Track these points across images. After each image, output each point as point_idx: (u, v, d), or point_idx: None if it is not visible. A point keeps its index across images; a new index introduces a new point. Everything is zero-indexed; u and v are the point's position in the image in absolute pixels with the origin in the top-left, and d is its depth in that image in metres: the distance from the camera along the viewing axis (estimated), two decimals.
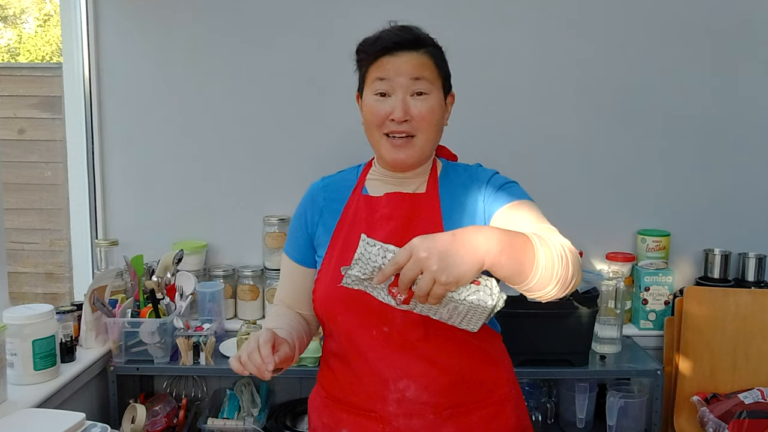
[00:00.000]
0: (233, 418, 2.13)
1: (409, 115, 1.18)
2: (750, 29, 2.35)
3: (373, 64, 1.21)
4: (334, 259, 1.24)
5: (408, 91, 1.19)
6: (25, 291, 3.03)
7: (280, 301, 1.39)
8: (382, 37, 1.20)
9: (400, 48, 1.18)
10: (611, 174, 2.41)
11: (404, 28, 1.21)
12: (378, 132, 1.22)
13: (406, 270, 0.94)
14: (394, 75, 1.18)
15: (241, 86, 2.38)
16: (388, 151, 1.22)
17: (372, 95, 1.21)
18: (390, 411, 1.20)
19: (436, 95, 1.21)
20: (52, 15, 8.49)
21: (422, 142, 1.21)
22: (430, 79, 1.20)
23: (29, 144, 2.93)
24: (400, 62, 1.18)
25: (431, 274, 0.92)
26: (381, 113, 1.20)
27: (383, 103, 1.20)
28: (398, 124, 1.19)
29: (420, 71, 1.19)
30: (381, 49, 1.19)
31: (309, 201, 1.34)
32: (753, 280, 2.34)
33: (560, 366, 2.06)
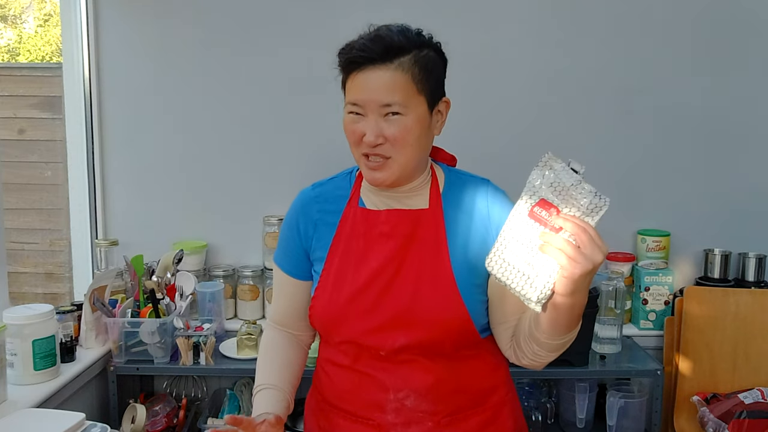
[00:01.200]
0: None
1: (383, 137, 1.12)
2: (750, 29, 2.35)
3: (347, 77, 1.15)
4: (332, 275, 1.21)
5: (380, 113, 1.12)
6: (25, 291, 3.03)
7: (275, 321, 1.34)
8: (354, 48, 1.13)
9: (368, 62, 1.11)
10: (611, 174, 2.41)
11: (376, 38, 1.12)
12: (356, 150, 1.17)
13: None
14: (364, 99, 1.12)
15: (241, 86, 2.38)
16: (366, 172, 1.17)
17: (347, 113, 1.16)
18: (388, 420, 1.19)
19: (414, 112, 1.12)
20: (52, 15, 8.49)
21: (400, 161, 1.14)
22: (403, 99, 1.11)
23: (29, 144, 2.92)
24: (368, 82, 1.11)
25: (573, 262, 0.95)
26: (356, 133, 1.14)
27: (357, 123, 1.14)
28: (371, 147, 1.13)
29: (390, 95, 1.10)
30: (349, 63, 1.13)
31: (301, 212, 1.27)
32: (753, 280, 2.34)
33: (560, 366, 2.05)
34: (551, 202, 0.99)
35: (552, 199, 1.00)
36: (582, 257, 0.95)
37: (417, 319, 1.15)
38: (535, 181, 1.01)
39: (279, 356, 1.29)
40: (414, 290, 1.16)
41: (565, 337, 1.09)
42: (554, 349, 1.12)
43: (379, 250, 1.19)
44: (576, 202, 0.99)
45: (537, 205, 1.00)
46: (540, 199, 1.00)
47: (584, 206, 0.99)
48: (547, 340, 1.09)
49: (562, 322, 1.04)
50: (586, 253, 0.95)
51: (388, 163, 1.15)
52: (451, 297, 1.15)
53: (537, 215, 0.99)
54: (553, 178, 1.00)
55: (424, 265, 1.17)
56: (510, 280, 1.01)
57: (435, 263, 1.17)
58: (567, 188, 0.99)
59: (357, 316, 1.18)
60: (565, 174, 1.00)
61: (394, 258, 1.18)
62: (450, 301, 1.15)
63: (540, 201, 1.00)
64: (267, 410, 1.18)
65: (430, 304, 1.15)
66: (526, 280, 1.00)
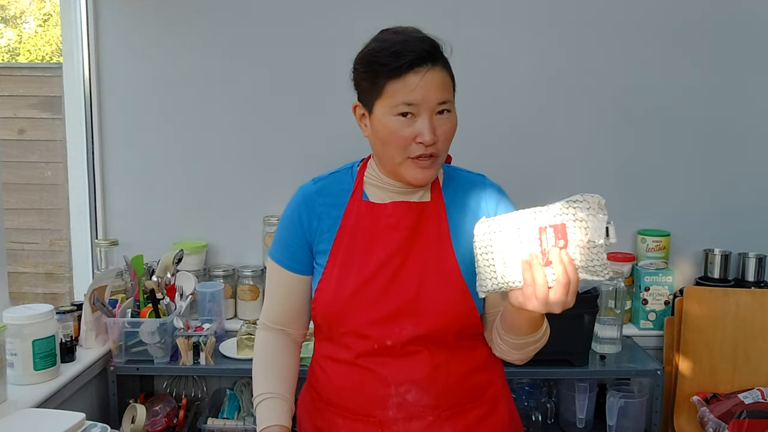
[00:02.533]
0: (233, 418, 2.13)
1: (436, 136, 1.14)
2: (750, 29, 2.35)
3: (392, 79, 1.12)
4: (337, 268, 1.21)
5: (434, 111, 1.14)
6: (25, 291, 3.02)
7: (269, 321, 1.32)
8: (402, 51, 1.11)
9: (424, 62, 1.12)
10: (611, 174, 2.41)
11: (423, 39, 1.14)
12: (400, 154, 1.15)
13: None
14: (422, 98, 1.11)
15: (241, 86, 2.38)
16: (413, 173, 1.16)
17: (392, 116, 1.13)
18: (389, 415, 1.19)
19: (454, 110, 1.18)
20: (52, 15, 8.48)
21: (442, 158, 1.19)
22: (451, 97, 1.16)
23: (29, 144, 2.92)
24: (426, 80, 1.11)
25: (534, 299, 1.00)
26: (406, 135, 1.13)
27: (408, 125, 1.13)
28: (426, 147, 1.13)
29: (445, 93, 1.14)
30: (407, 65, 1.11)
31: (303, 206, 1.27)
32: (753, 280, 2.34)
33: (560, 366, 2.05)
34: (567, 234, 0.98)
35: (571, 233, 0.98)
36: (544, 300, 0.99)
37: (423, 308, 1.17)
38: (574, 207, 0.99)
39: (276, 362, 1.29)
40: (420, 280, 1.18)
41: (520, 338, 1.14)
42: (514, 347, 1.18)
43: (385, 241, 1.20)
44: (585, 255, 0.98)
45: (553, 227, 0.99)
46: (562, 223, 0.99)
47: (588, 264, 0.99)
48: (505, 336, 1.17)
49: (513, 324, 1.12)
50: (551, 299, 0.99)
51: (436, 161, 1.17)
52: (456, 287, 1.18)
53: (546, 236, 0.99)
54: (589, 220, 0.98)
55: (430, 256, 1.20)
56: (481, 256, 1.05)
57: (439, 254, 1.20)
58: (589, 240, 0.98)
59: (363, 307, 1.18)
60: (599, 228, 0.98)
61: (400, 249, 1.19)
62: (456, 290, 1.18)
63: (560, 225, 0.99)
64: (273, 422, 1.19)
65: (437, 293, 1.18)
66: (491, 270, 1.04)
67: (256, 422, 1.22)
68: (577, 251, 0.98)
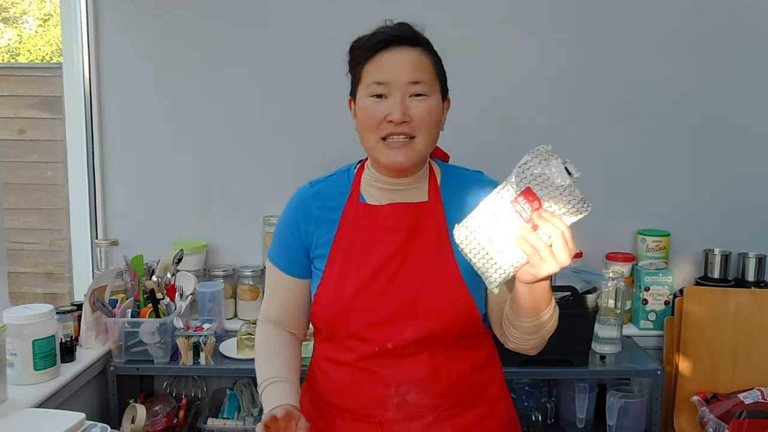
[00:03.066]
0: (233, 418, 2.13)
1: (408, 116, 1.13)
2: (750, 29, 2.35)
3: (368, 61, 1.16)
4: (335, 272, 1.21)
5: (406, 93, 1.14)
6: (25, 291, 3.03)
7: (268, 319, 1.32)
8: (379, 32, 1.16)
9: (397, 42, 1.14)
10: (611, 174, 2.41)
11: (402, 24, 1.17)
12: (374, 136, 1.16)
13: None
14: (392, 76, 1.13)
15: (241, 86, 2.38)
16: (385, 155, 1.16)
17: (367, 97, 1.16)
18: (389, 416, 1.19)
19: (435, 96, 1.17)
20: (52, 15, 8.48)
21: (421, 143, 1.16)
22: (429, 81, 1.15)
23: (29, 144, 2.92)
24: (397, 59, 1.14)
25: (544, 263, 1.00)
26: (377, 115, 1.14)
27: (380, 104, 1.14)
28: (396, 125, 1.13)
29: (418, 74, 1.14)
30: (377, 43, 1.14)
31: (301, 209, 1.26)
32: (753, 280, 2.34)
33: (560, 366, 2.05)
34: (536, 193, 1.01)
35: (538, 191, 1.01)
36: (552, 258, 0.99)
37: (424, 309, 1.17)
38: (527, 168, 1.02)
39: (280, 350, 1.28)
40: (420, 281, 1.18)
41: (535, 319, 1.12)
42: (529, 332, 1.15)
43: (383, 243, 1.20)
44: (560, 202, 1.01)
45: (521, 195, 1.01)
46: (526, 187, 1.01)
47: (567, 208, 1.01)
48: (518, 321, 1.14)
49: (526, 305, 1.10)
50: (557, 254, 0.99)
51: (411, 144, 1.16)
52: (456, 287, 1.18)
53: (520, 205, 1.01)
54: (546, 171, 1.01)
55: (429, 257, 1.20)
56: (476, 258, 1.05)
57: (438, 254, 1.20)
58: (557, 187, 1.01)
59: (363, 310, 1.18)
60: (558, 172, 1.01)
61: (399, 251, 1.19)
62: (455, 290, 1.18)
63: (526, 189, 1.01)
64: (281, 402, 1.16)
65: (437, 294, 1.18)
66: (492, 263, 1.04)
67: (263, 407, 1.18)
68: (552, 203, 1.01)
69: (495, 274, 1.04)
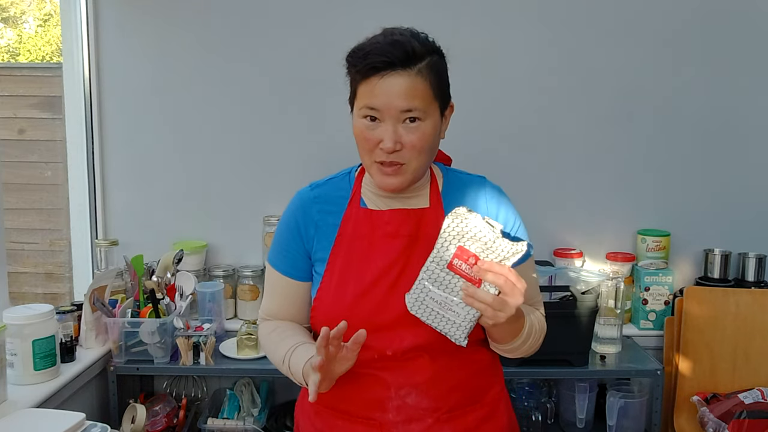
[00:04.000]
0: (233, 418, 2.13)
1: (400, 144, 1.11)
2: (750, 29, 2.35)
3: (361, 82, 1.12)
4: (335, 276, 1.20)
5: (399, 120, 1.11)
6: (25, 291, 3.03)
7: (270, 315, 1.31)
8: (372, 53, 1.10)
9: (389, 67, 1.09)
10: (611, 174, 2.41)
11: (395, 43, 1.10)
12: (368, 157, 1.15)
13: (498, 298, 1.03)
14: (384, 104, 1.10)
15: (241, 86, 2.38)
16: (378, 178, 1.16)
17: (361, 118, 1.14)
18: (389, 418, 1.19)
19: (431, 118, 1.13)
20: (52, 15, 8.48)
21: (413, 168, 1.15)
22: (423, 106, 1.11)
23: (29, 144, 2.92)
24: (389, 85, 1.09)
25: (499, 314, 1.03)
26: (371, 140, 1.12)
27: (373, 130, 1.12)
28: (388, 154, 1.12)
29: (410, 101, 1.09)
30: (369, 69, 1.10)
31: (301, 213, 1.25)
32: (753, 280, 2.34)
33: (560, 366, 2.05)
34: (469, 249, 1.05)
35: (470, 246, 1.05)
36: (506, 305, 1.02)
37: None
38: (452, 230, 1.06)
39: (291, 329, 1.26)
40: None
41: (508, 344, 1.17)
42: (509, 352, 1.21)
43: (384, 250, 1.19)
44: (494, 251, 1.05)
45: (456, 257, 1.05)
46: (458, 246, 1.05)
47: (503, 254, 1.04)
48: (496, 347, 1.21)
49: (496, 337, 1.16)
50: (509, 300, 1.02)
51: (402, 169, 1.15)
52: None
53: (457, 268, 1.05)
54: (470, 228, 1.05)
55: None
56: (434, 321, 1.08)
57: None
58: (485, 241, 1.05)
59: (362, 317, 1.17)
60: (481, 227, 1.05)
61: (400, 257, 1.18)
62: None
63: (458, 249, 1.05)
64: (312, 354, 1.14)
65: None
66: (450, 323, 1.07)
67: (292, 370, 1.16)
68: (486, 255, 1.04)
69: (457, 332, 1.07)
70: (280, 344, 1.22)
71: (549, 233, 2.42)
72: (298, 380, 1.17)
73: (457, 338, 1.07)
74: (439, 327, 1.08)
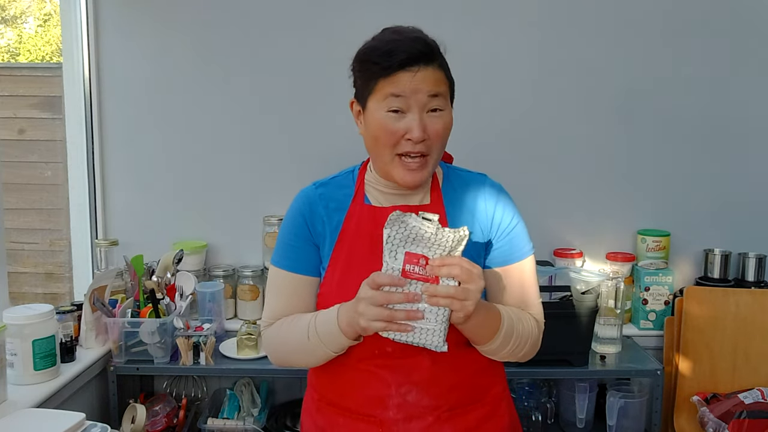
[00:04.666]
0: (233, 418, 2.13)
1: (427, 133, 1.13)
2: (750, 29, 2.35)
3: (385, 77, 1.13)
4: (337, 274, 1.20)
5: (425, 109, 1.13)
6: (25, 291, 3.03)
7: (275, 317, 1.27)
8: (395, 50, 1.12)
9: (416, 62, 1.12)
10: (611, 174, 2.41)
11: (417, 39, 1.13)
12: (389, 151, 1.15)
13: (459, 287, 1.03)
14: (412, 92, 1.12)
15: (241, 86, 2.38)
16: (401, 174, 1.16)
17: (384, 111, 1.14)
18: (390, 416, 1.19)
19: (449, 110, 1.17)
20: (52, 15, 8.49)
21: (434, 160, 1.17)
22: (445, 95, 1.16)
23: (29, 144, 2.93)
24: (418, 79, 1.12)
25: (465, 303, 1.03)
26: (396, 132, 1.13)
27: (398, 121, 1.13)
28: (414, 144, 1.13)
29: (438, 87, 1.13)
30: (397, 64, 1.11)
31: (308, 208, 1.25)
32: (753, 280, 2.34)
33: (560, 366, 2.05)
34: (416, 252, 1.05)
35: (416, 249, 1.05)
36: (469, 292, 1.03)
37: None
38: (393, 239, 1.06)
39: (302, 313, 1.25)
40: None
41: (487, 346, 1.17)
42: (491, 353, 1.20)
43: None
44: (440, 245, 1.05)
45: (406, 263, 1.05)
46: (405, 253, 1.05)
47: (449, 244, 1.05)
48: (479, 348, 1.19)
49: (474, 339, 1.16)
50: (470, 286, 1.03)
51: (425, 162, 1.16)
52: None
53: (411, 273, 1.05)
54: (409, 230, 1.06)
55: None
56: (409, 338, 1.06)
57: None
58: (428, 237, 1.05)
59: None
60: (419, 224, 1.05)
61: None
62: None
63: (406, 256, 1.05)
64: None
65: None
66: (426, 332, 1.06)
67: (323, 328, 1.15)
68: (434, 249, 1.05)
69: (433, 339, 1.05)
70: (298, 323, 1.21)
71: (549, 233, 2.42)
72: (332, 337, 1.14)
73: (436, 345, 1.05)
74: (415, 340, 1.05)
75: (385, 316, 1.03)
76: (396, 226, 1.06)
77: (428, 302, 1.03)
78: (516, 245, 1.24)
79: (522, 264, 1.24)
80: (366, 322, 1.05)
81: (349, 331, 1.11)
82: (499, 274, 1.23)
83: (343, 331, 1.12)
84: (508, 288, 1.23)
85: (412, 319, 1.04)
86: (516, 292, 1.24)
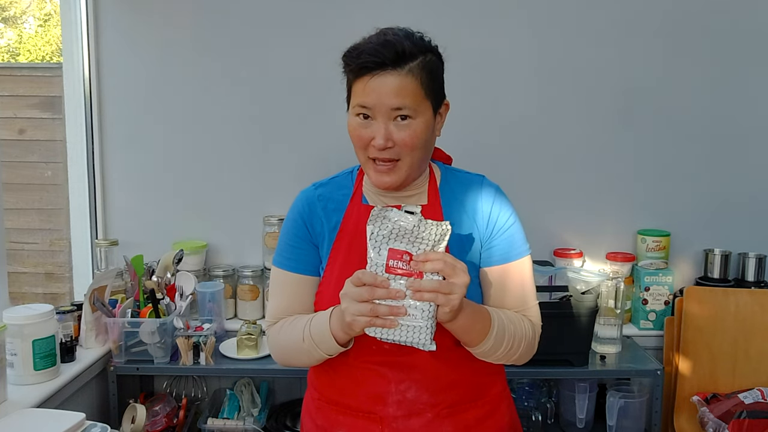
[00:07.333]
0: (233, 418, 2.13)
1: (392, 141, 1.13)
2: (750, 29, 2.35)
3: (355, 81, 1.15)
4: (335, 273, 1.21)
5: (390, 117, 1.13)
6: (25, 291, 3.03)
7: (277, 317, 1.28)
8: (364, 53, 1.12)
9: (380, 67, 1.11)
10: (611, 174, 2.41)
11: (386, 43, 1.11)
12: (362, 154, 1.18)
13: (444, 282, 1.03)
14: (374, 102, 1.12)
15: (241, 86, 2.38)
16: (373, 176, 1.18)
17: (354, 116, 1.16)
18: (389, 412, 1.20)
19: (422, 116, 1.15)
20: (52, 15, 8.48)
21: (408, 164, 1.16)
22: (413, 104, 1.12)
23: (29, 144, 2.93)
24: (380, 84, 1.11)
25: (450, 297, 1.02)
26: (364, 138, 1.15)
27: (366, 127, 1.15)
28: (380, 150, 1.14)
29: (401, 99, 1.11)
30: (361, 68, 1.12)
31: (307, 209, 1.27)
32: (753, 280, 2.34)
33: (560, 366, 2.06)
34: (399, 248, 1.05)
35: (399, 245, 1.05)
36: (453, 286, 1.03)
37: None
38: (376, 236, 1.06)
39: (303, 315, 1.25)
40: None
41: (479, 347, 1.15)
42: (483, 356, 1.18)
43: None
44: (423, 239, 1.05)
45: (389, 259, 1.04)
46: (388, 249, 1.05)
47: (433, 239, 1.05)
48: (471, 351, 1.18)
49: (465, 341, 1.15)
50: (454, 280, 1.03)
51: (397, 166, 1.17)
52: None
53: (394, 269, 1.04)
54: (391, 225, 1.06)
55: None
56: (396, 336, 1.05)
57: None
58: (411, 231, 1.05)
59: None
60: (401, 218, 1.06)
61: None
62: None
63: (389, 252, 1.05)
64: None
65: None
66: (413, 329, 1.05)
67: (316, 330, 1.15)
68: (417, 245, 1.05)
69: (420, 336, 1.05)
70: (296, 325, 1.21)
71: (549, 233, 2.42)
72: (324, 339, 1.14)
73: (423, 343, 1.04)
74: (402, 339, 1.05)
75: (368, 311, 1.03)
76: (378, 222, 1.06)
77: (413, 297, 1.03)
78: (513, 244, 1.24)
79: (519, 263, 1.24)
80: (350, 317, 1.05)
81: (339, 333, 1.11)
82: (497, 273, 1.23)
83: (333, 335, 1.12)
84: (505, 287, 1.23)
85: (395, 314, 1.03)
86: (513, 292, 1.24)
